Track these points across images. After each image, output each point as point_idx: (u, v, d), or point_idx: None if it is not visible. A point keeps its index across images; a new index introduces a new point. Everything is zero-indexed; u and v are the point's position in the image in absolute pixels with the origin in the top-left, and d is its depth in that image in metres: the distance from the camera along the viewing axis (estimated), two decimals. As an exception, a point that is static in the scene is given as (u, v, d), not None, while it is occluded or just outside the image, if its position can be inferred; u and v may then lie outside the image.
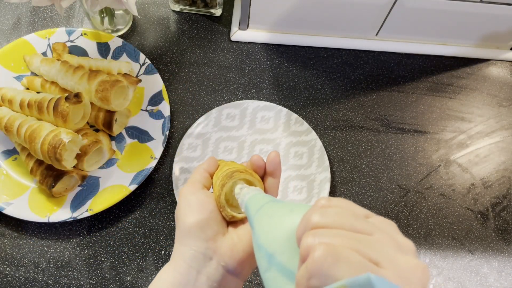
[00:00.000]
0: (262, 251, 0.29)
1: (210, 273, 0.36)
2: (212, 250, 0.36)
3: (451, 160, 0.66)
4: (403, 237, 0.27)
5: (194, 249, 0.36)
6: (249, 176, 0.37)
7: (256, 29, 0.71)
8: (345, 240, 0.24)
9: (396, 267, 0.24)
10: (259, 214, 0.31)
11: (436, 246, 0.61)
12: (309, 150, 0.63)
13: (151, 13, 0.72)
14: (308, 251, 0.24)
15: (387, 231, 0.26)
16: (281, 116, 0.65)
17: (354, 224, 0.25)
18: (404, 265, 0.24)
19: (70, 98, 0.54)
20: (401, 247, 0.26)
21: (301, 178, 0.62)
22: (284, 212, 0.30)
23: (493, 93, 0.71)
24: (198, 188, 0.38)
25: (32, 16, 0.71)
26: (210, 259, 0.36)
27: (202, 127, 0.64)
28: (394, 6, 0.64)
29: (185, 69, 0.69)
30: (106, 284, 0.57)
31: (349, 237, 0.24)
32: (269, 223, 0.30)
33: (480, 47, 0.73)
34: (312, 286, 0.23)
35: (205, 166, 0.40)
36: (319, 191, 0.61)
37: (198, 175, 0.39)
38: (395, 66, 0.72)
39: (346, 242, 0.24)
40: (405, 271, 0.24)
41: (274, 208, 0.31)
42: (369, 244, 0.24)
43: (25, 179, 0.59)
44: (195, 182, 0.39)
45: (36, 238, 0.58)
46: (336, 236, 0.24)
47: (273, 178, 0.39)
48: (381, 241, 0.25)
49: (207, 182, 0.39)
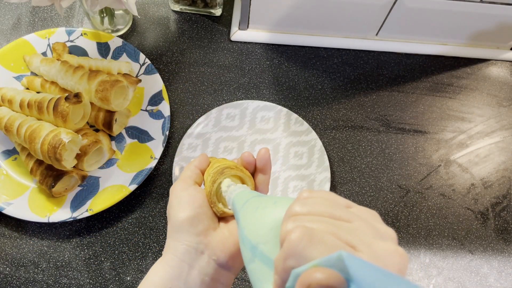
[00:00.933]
0: (246, 243, 0.29)
1: (201, 267, 0.36)
2: (203, 245, 0.36)
3: (451, 160, 0.66)
4: (385, 225, 0.27)
5: (186, 243, 0.36)
6: (240, 173, 0.38)
7: (256, 29, 0.71)
8: (323, 224, 0.25)
9: (373, 251, 0.24)
10: (244, 208, 0.32)
11: (436, 246, 0.61)
12: (309, 150, 0.63)
13: (151, 13, 0.72)
14: (286, 235, 0.24)
15: (368, 219, 0.26)
16: (281, 116, 0.65)
17: (334, 212, 0.26)
18: (381, 250, 0.24)
19: (70, 98, 0.54)
20: (381, 234, 0.26)
21: (301, 178, 0.62)
22: (267, 204, 0.30)
23: (493, 93, 0.71)
24: (189, 184, 0.39)
25: (32, 16, 0.71)
26: (201, 253, 0.36)
27: (202, 127, 0.64)
28: (394, 6, 0.64)
29: (185, 69, 0.69)
30: (106, 284, 0.57)
31: (327, 222, 0.25)
32: (252, 216, 0.30)
33: (480, 47, 0.73)
34: (288, 267, 0.24)
35: (196, 163, 0.40)
36: None
37: (189, 172, 0.40)
38: (395, 66, 0.72)
39: (323, 227, 0.24)
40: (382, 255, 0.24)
41: (258, 201, 0.31)
42: (346, 229, 0.25)
43: (25, 179, 0.59)
44: (186, 178, 0.39)
45: (36, 238, 0.58)
46: (314, 221, 0.25)
47: (264, 175, 0.39)
48: (360, 227, 0.25)
49: (198, 179, 0.40)
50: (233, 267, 0.37)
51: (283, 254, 0.24)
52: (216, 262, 0.36)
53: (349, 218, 0.26)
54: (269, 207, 0.30)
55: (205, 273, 0.36)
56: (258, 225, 0.29)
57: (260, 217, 0.29)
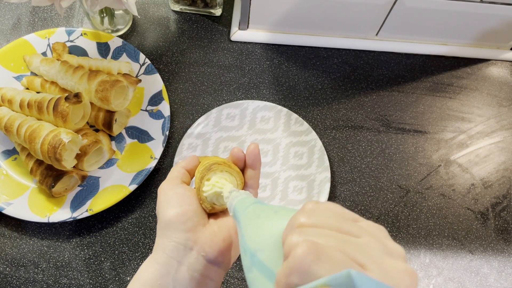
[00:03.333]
0: (246, 251, 0.29)
1: (190, 263, 0.36)
2: (192, 241, 0.36)
3: (451, 160, 0.66)
4: (393, 242, 0.26)
5: (175, 240, 0.36)
6: (228, 168, 0.38)
7: (256, 29, 0.71)
8: (330, 239, 0.24)
9: (383, 270, 0.23)
10: (245, 215, 0.32)
11: (436, 246, 0.61)
12: (309, 150, 0.63)
13: (151, 13, 0.72)
14: (291, 248, 0.23)
15: (376, 235, 0.25)
16: (281, 116, 0.65)
17: (341, 226, 0.25)
18: (391, 269, 0.23)
19: (70, 98, 0.54)
20: (390, 251, 0.25)
21: (301, 178, 0.62)
22: (268, 213, 0.30)
23: (493, 93, 0.71)
24: (177, 183, 0.39)
25: (32, 16, 0.71)
26: (190, 249, 0.36)
27: (202, 127, 0.64)
28: (394, 6, 0.64)
29: (185, 69, 0.69)
30: (106, 284, 0.57)
31: (335, 237, 0.24)
32: (253, 224, 0.30)
33: (480, 47, 0.73)
34: (291, 283, 0.22)
35: (183, 164, 0.41)
36: (319, 191, 0.61)
37: (176, 172, 0.40)
38: (395, 66, 0.72)
39: (331, 242, 0.23)
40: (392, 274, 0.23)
41: (260, 209, 0.31)
42: (355, 245, 0.24)
43: (25, 179, 0.59)
44: (172, 178, 0.39)
45: (36, 238, 0.58)
46: (321, 235, 0.24)
47: (253, 170, 0.39)
48: (368, 243, 0.24)
49: (185, 178, 0.40)
50: (222, 263, 0.37)
51: (287, 269, 0.23)
52: (205, 258, 0.36)
53: (357, 233, 0.25)
54: (270, 216, 0.29)
55: (194, 269, 0.36)
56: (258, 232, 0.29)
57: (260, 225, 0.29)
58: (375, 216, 0.62)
